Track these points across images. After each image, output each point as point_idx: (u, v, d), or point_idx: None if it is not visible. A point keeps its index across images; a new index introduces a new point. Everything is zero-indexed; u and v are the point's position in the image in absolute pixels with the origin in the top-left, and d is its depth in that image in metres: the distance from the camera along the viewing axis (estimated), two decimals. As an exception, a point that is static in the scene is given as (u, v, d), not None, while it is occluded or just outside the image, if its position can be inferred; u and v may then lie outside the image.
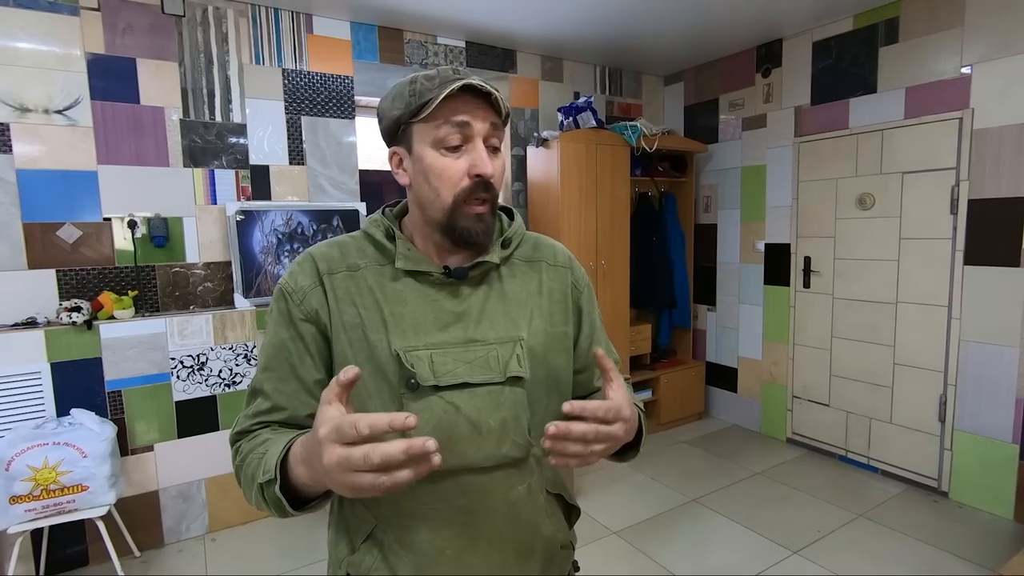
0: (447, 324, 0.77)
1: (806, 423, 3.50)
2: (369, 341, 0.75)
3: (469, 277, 0.79)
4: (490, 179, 0.75)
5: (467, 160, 0.74)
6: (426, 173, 0.75)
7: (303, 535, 2.61)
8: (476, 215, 0.75)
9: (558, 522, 0.87)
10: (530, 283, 0.84)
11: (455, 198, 0.74)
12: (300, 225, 2.85)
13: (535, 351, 0.80)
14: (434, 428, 0.73)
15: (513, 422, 0.77)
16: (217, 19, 2.69)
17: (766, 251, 3.64)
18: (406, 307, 0.77)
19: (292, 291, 0.78)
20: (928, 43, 2.80)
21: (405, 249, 0.79)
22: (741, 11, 3.02)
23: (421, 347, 0.75)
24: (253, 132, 2.81)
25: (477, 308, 0.79)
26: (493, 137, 0.76)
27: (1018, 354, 2.56)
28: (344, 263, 0.79)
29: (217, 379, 2.60)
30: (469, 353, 0.76)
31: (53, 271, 2.42)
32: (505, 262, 0.84)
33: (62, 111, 2.40)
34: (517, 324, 0.80)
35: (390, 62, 3.15)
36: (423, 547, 0.76)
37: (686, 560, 2.37)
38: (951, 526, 2.59)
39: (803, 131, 3.38)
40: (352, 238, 0.83)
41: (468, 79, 0.72)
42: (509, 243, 0.84)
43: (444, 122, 0.73)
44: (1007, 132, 2.54)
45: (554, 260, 0.88)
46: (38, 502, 2.01)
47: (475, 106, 0.74)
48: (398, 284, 0.78)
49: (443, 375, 0.74)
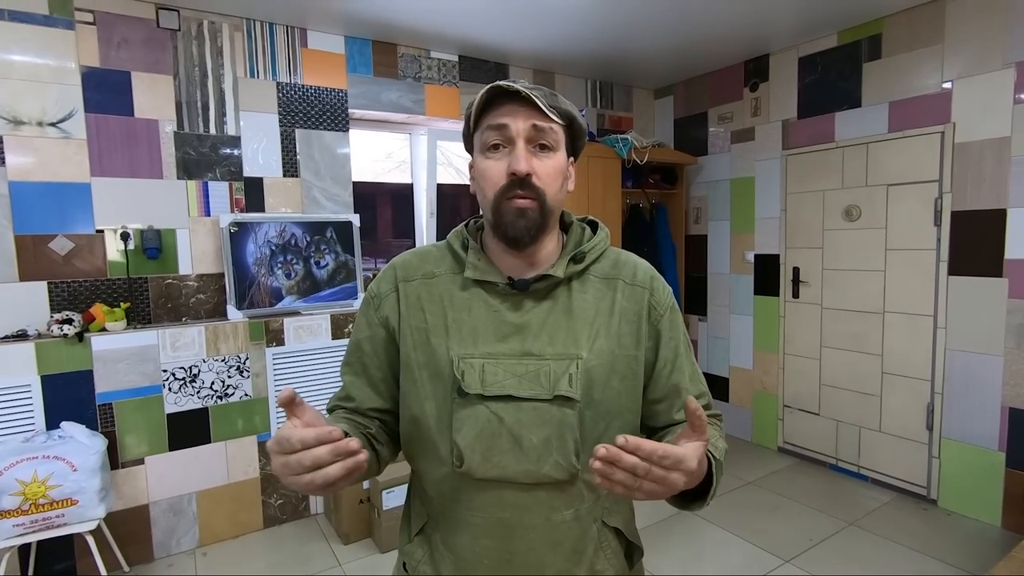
0: (506, 335, 0.78)
1: (797, 432, 3.52)
2: (431, 345, 0.79)
3: (533, 290, 0.79)
4: (526, 175, 0.75)
5: (507, 160, 0.76)
6: (477, 177, 0.80)
7: (294, 549, 2.59)
8: (517, 209, 0.75)
9: (612, 557, 0.83)
10: (602, 301, 0.82)
11: (496, 196, 0.77)
12: (294, 237, 2.86)
13: (595, 372, 0.77)
14: (476, 436, 0.75)
15: (557, 442, 0.75)
16: (212, 33, 2.72)
17: (756, 262, 3.69)
18: (469, 315, 0.79)
19: (373, 296, 0.86)
20: (910, 59, 2.87)
21: (475, 259, 0.81)
22: (729, 27, 3.08)
23: (477, 355, 0.77)
24: (247, 144, 2.83)
25: (538, 322, 0.79)
26: (539, 137, 0.76)
27: (1002, 362, 2.61)
28: (420, 271, 0.84)
29: (209, 391, 2.59)
30: (521, 366, 0.76)
31: (45, 283, 2.41)
32: (577, 277, 0.82)
33: (56, 124, 2.40)
34: (578, 342, 0.78)
35: (384, 75, 3.18)
36: (463, 552, 0.79)
37: (679, 569, 2.37)
38: (940, 533, 2.61)
39: (790, 144, 3.44)
40: (436, 247, 0.88)
41: (497, 83, 0.75)
42: (583, 258, 0.82)
43: (487, 127, 0.77)
44: (987, 146, 2.61)
45: (632, 279, 0.84)
46: (27, 517, 1.98)
47: (515, 109, 0.76)
48: (466, 293, 0.81)
49: (491, 385, 0.76)
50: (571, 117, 0.80)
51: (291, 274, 2.85)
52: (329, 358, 2.87)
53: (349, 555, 2.53)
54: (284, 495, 2.80)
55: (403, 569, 0.87)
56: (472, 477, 0.76)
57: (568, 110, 0.80)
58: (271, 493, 2.76)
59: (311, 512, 2.88)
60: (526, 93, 0.74)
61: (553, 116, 0.77)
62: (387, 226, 3.71)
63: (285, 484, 0.62)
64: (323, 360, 2.86)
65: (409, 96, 3.26)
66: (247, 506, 2.71)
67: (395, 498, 2.52)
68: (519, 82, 0.76)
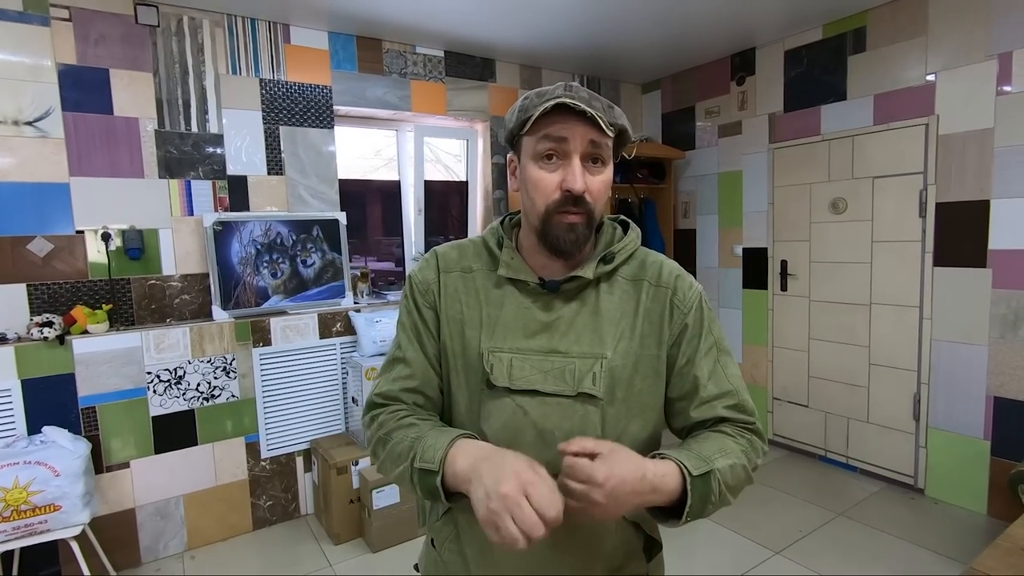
0: (535, 332, 0.81)
1: (786, 424, 3.55)
2: (465, 336, 0.84)
3: (562, 290, 0.82)
4: (581, 194, 0.76)
5: (561, 174, 0.77)
6: (526, 183, 0.81)
7: (284, 550, 2.57)
8: (568, 224, 0.77)
9: (630, 551, 0.85)
10: (628, 302, 0.84)
11: (547, 209, 0.78)
12: (279, 236, 2.82)
13: (618, 372, 0.80)
14: (503, 427, 0.79)
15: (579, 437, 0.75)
16: (192, 29, 2.67)
17: (744, 255, 3.70)
18: (502, 311, 0.83)
19: (419, 282, 0.89)
20: (894, 52, 2.88)
21: (509, 258, 0.84)
22: (715, 21, 3.08)
23: (506, 350, 0.81)
24: (230, 142, 2.79)
25: (566, 321, 0.82)
26: (595, 151, 0.77)
27: (987, 352, 2.63)
28: (459, 264, 0.88)
29: (195, 393, 2.56)
30: (547, 363, 0.80)
31: (24, 286, 2.36)
32: (607, 278, 0.84)
33: (32, 122, 2.35)
34: (604, 342, 0.81)
35: (369, 71, 3.15)
36: (483, 539, 0.80)
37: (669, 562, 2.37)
38: (927, 522, 2.64)
39: (777, 138, 3.45)
40: (472, 242, 0.91)
41: (563, 98, 0.74)
42: (612, 259, 0.83)
43: (544, 136, 0.77)
44: (970, 137, 2.63)
45: (656, 280, 0.85)
46: (8, 523, 1.95)
47: (574, 123, 0.75)
48: (500, 289, 0.85)
49: (518, 379, 0.79)
50: (624, 129, 0.81)
51: (277, 273, 2.82)
52: (317, 358, 2.85)
53: (340, 555, 2.51)
54: (273, 496, 2.77)
55: (431, 545, 0.91)
56: None
57: (623, 124, 0.81)
58: (260, 495, 2.74)
59: (301, 513, 2.86)
60: (592, 114, 0.74)
61: (610, 133, 0.78)
62: (375, 224, 3.68)
63: (484, 504, 0.65)
64: (311, 360, 2.83)
65: (395, 92, 3.23)
66: (236, 508, 2.68)
67: (385, 498, 2.51)
68: (580, 94, 0.76)
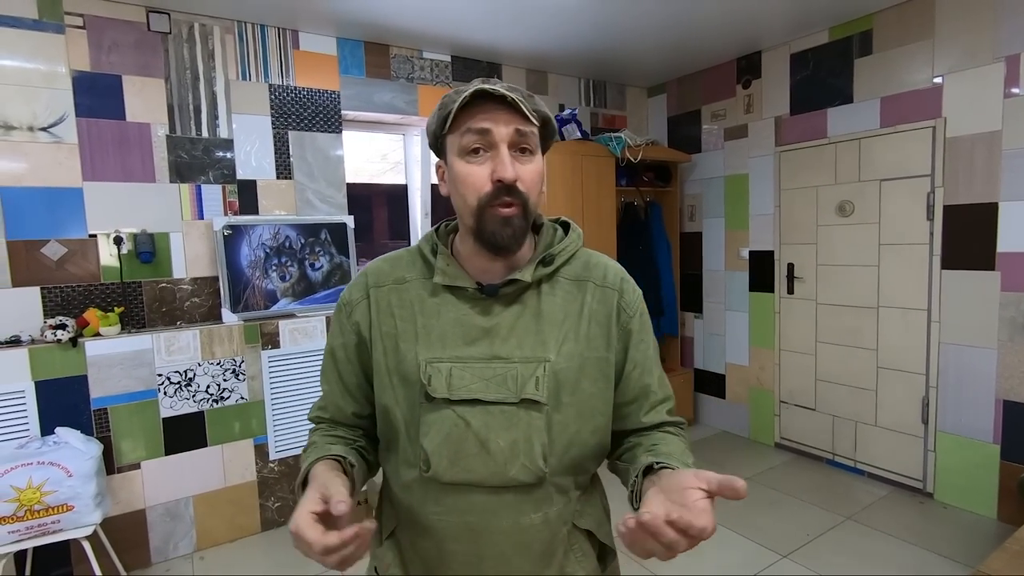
0: (475, 339, 0.78)
1: (793, 428, 3.53)
2: (400, 350, 0.80)
3: (502, 294, 0.79)
4: (513, 183, 0.74)
5: (491, 165, 0.74)
6: (455, 181, 0.77)
7: (292, 551, 2.57)
8: (503, 218, 0.74)
9: (584, 559, 0.83)
10: (572, 303, 0.81)
11: (479, 203, 0.75)
12: (288, 239, 2.85)
13: (563, 375, 0.77)
14: (443, 440, 0.75)
15: (524, 445, 0.75)
16: (203, 36, 2.71)
17: (750, 258, 3.70)
18: (438, 320, 0.79)
19: (345, 303, 0.86)
20: (901, 54, 2.88)
21: (444, 264, 0.81)
22: (721, 24, 3.09)
23: (445, 359, 0.77)
24: (240, 147, 2.82)
25: (507, 326, 0.78)
26: (521, 141, 0.75)
27: (996, 355, 2.62)
28: (392, 276, 0.84)
29: (205, 395, 2.58)
30: (489, 370, 0.76)
31: (38, 288, 2.40)
32: (547, 280, 0.82)
33: (47, 128, 2.39)
34: (546, 345, 0.78)
35: (377, 76, 3.18)
36: (432, 555, 0.79)
37: (676, 566, 2.38)
38: (936, 526, 2.62)
39: (783, 140, 3.45)
40: (408, 251, 0.88)
41: (482, 85, 0.73)
42: (552, 260, 0.81)
43: (467, 130, 0.74)
44: (978, 140, 2.62)
45: (602, 280, 0.84)
46: (22, 523, 1.97)
47: (497, 112, 0.74)
48: (436, 298, 0.81)
49: (457, 389, 0.75)
50: (547, 118, 0.79)
51: (286, 276, 2.84)
52: (325, 360, 2.87)
53: (347, 557, 2.52)
54: (282, 498, 2.79)
55: (374, 571, 0.87)
56: (439, 481, 0.76)
57: (545, 112, 0.79)
58: (268, 496, 2.76)
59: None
60: (512, 98, 0.72)
61: (533, 119, 0.76)
62: (382, 227, 3.71)
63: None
64: (318, 362, 2.85)
65: (402, 97, 3.26)
66: (245, 509, 2.70)
67: (393, 499, 2.52)
68: (500, 84, 0.74)
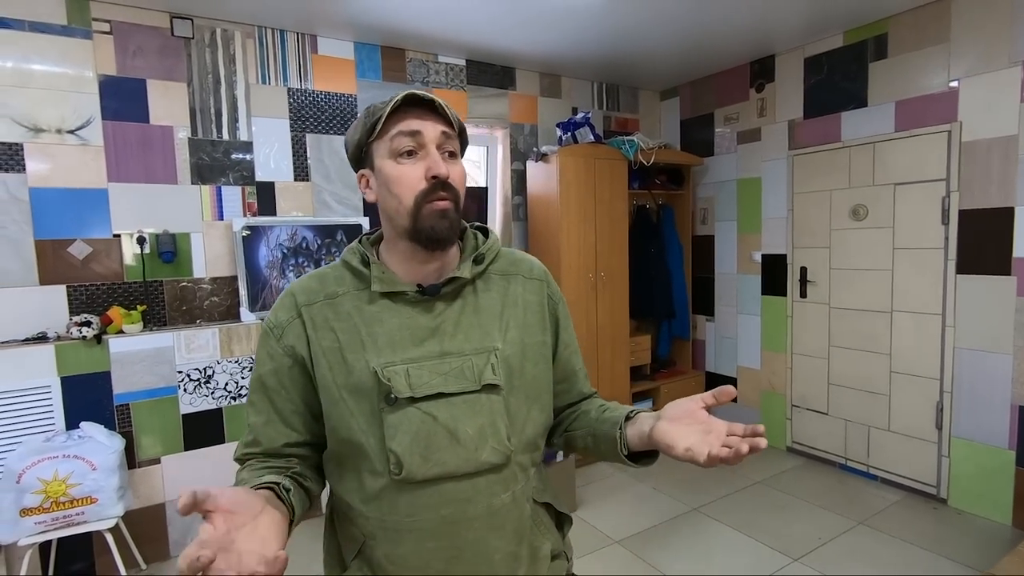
0: (423, 339, 0.81)
1: (805, 432, 3.52)
2: (347, 362, 0.79)
3: (442, 293, 0.82)
4: (447, 180, 0.78)
5: (423, 165, 0.78)
6: (388, 183, 0.80)
7: (307, 546, 2.62)
8: (440, 211, 0.78)
9: (547, 531, 0.88)
10: (505, 296, 0.87)
11: (416, 200, 0.78)
12: (305, 240, 2.90)
13: (511, 361, 0.83)
14: (413, 439, 0.76)
15: (490, 428, 0.79)
16: (225, 41, 2.77)
17: (763, 261, 3.69)
18: (383, 326, 0.80)
19: (273, 327, 0.84)
20: (916, 58, 2.87)
21: (380, 272, 0.82)
22: (734, 28, 3.10)
23: (398, 362, 0.79)
24: (259, 149, 2.88)
25: (452, 322, 0.82)
26: (447, 144, 0.80)
27: (1011, 361, 2.60)
28: (323, 293, 0.84)
29: (223, 392, 2.64)
30: (444, 365, 0.79)
31: (64, 287, 2.46)
32: (480, 277, 0.87)
33: (74, 131, 2.46)
34: (491, 335, 0.83)
35: (393, 80, 3.22)
36: (410, 560, 0.78)
37: (687, 568, 2.39)
38: (950, 532, 2.61)
39: (797, 144, 3.45)
40: (332, 268, 0.88)
41: (411, 91, 0.78)
42: (483, 259, 0.87)
43: (397, 133, 0.78)
44: (995, 144, 2.61)
45: (530, 273, 0.92)
46: (48, 515, 2.03)
47: (424, 116, 0.79)
48: (375, 306, 0.82)
49: (419, 387, 0.77)
50: (463, 128, 0.84)
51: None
52: (340, 359, 2.91)
53: (361, 553, 2.55)
54: (296, 494, 2.83)
55: None
56: (411, 481, 0.76)
57: (462, 123, 0.84)
58: (284, 492, 2.80)
59: (322, 511, 2.91)
60: (439, 103, 0.78)
61: (455, 125, 0.81)
62: (396, 229, 3.74)
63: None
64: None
65: (417, 100, 3.30)
66: (260, 505, 2.74)
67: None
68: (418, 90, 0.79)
